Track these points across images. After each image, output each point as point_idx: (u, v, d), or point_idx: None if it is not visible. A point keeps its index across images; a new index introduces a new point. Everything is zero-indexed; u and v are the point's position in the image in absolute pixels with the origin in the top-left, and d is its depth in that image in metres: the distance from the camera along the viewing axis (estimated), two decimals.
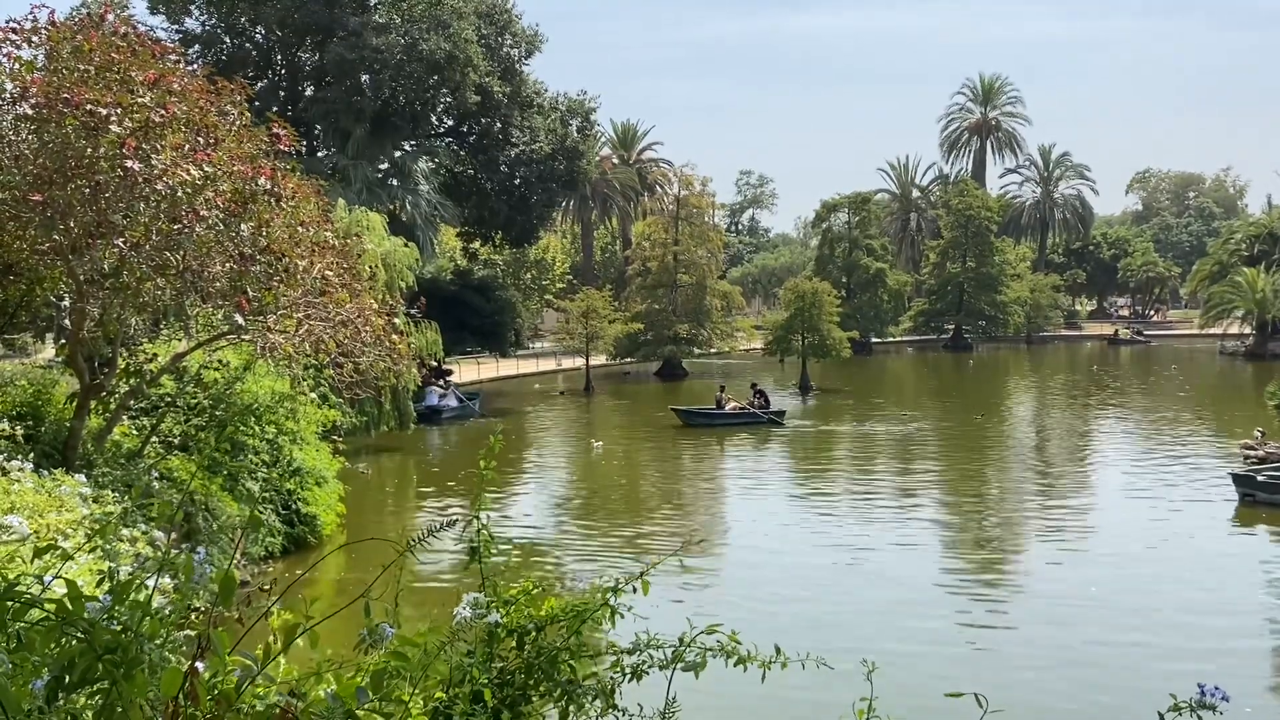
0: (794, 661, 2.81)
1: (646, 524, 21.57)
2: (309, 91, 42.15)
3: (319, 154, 39.74)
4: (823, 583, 16.70)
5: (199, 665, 1.79)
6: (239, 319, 12.33)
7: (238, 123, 13.01)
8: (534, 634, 2.75)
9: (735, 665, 2.81)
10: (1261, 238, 70.13)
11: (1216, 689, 2.46)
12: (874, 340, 71.59)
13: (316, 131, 40.88)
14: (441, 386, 39.45)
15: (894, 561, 18.13)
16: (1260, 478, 22.01)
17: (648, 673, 2.84)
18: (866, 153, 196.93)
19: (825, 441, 33.44)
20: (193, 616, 2.07)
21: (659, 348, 52.79)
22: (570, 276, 79.75)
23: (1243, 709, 11.05)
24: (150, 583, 2.08)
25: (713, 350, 56.70)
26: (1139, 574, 17.06)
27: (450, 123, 44.40)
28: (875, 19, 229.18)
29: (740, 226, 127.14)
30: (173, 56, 13.47)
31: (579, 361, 50.35)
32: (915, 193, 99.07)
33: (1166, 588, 16.29)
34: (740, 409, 35.20)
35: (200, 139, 11.91)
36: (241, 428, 17.33)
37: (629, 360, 54.22)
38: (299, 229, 12.98)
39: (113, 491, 12.50)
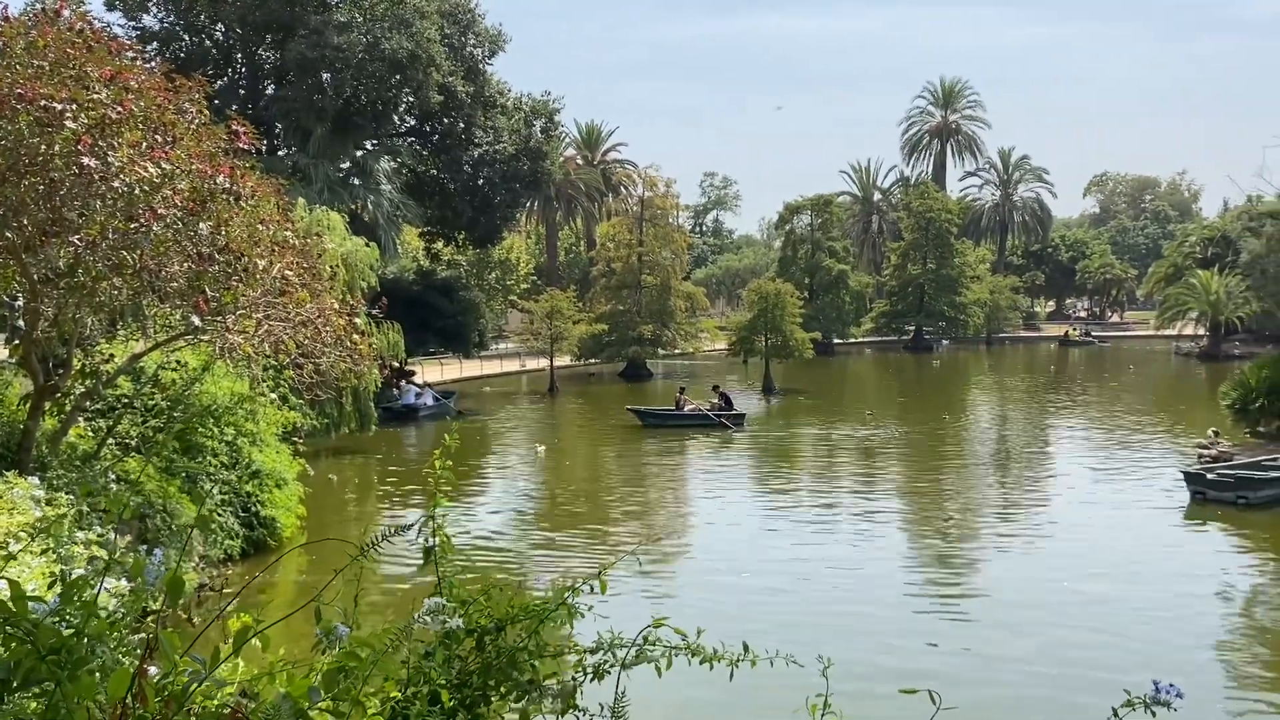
0: (763, 659, 2.82)
1: (608, 524, 21.57)
2: (269, 90, 41.71)
3: (280, 153, 39.35)
4: (784, 583, 16.78)
5: (148, 667, 1.77)
6: (197, 319, 12.18)
7: (196, 120, 12.84)
8: (494, 634, 2.75)
9: (702, 663, 2.83)
10: (1215, 241, 71.34)
11: (1171, 686, 2.50)
12: (836, 341, 72.05)
13: (277, 130, 40.45)
14: (419, 386, 39.97)
15: (855, 560, 18.27)
16: (1210, 476, 22.43)
17: (609, 672, 2.85)
18: (829, 155, 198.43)
19: (788, 442, 33.60)
20: (148, 619, 2.05)
21: (623, 349, 52.79)
22: (535, 277, 79.51)
23: (1203, 704, 11.25)
24: (105, 584, 2.05)
25: (677, 351, 56.79)
26: (1094, 571, 17.31)
27: (413, 122, 44.11)
28: (838, 23, 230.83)
29: (704, 228, 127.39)
30: (130, 53, 13.28)
31: (543, 363, 50.25)
32: (877, 195, 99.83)
33: (1121, 585, 16.53)
34: (696, 410, 35.20)
35: (158, 137, 11.75)
36: (200, 429, 17.14)
37: (593, 361, 54.18)
38: (259, 228, 12.84)
39: (67, 494, 12.30)
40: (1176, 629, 14.36)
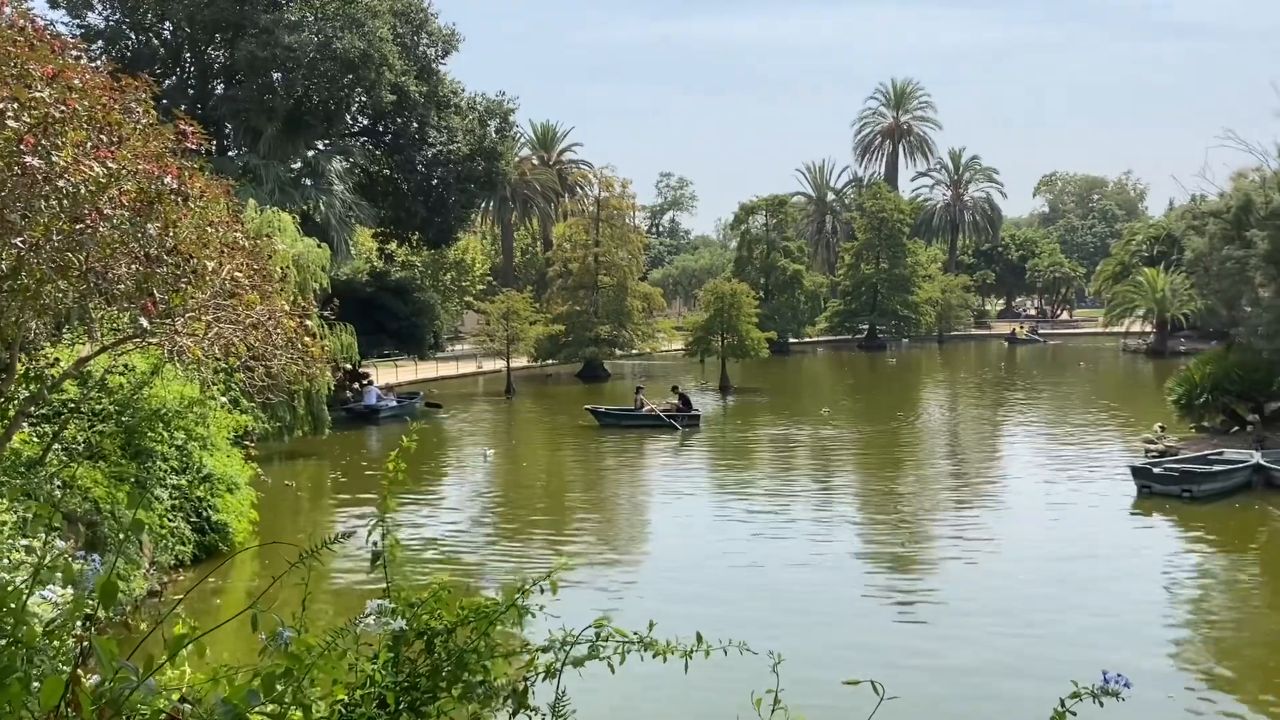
0: (716, 649, 2.85)
1: (564, 525, 21.55)
2: (219, 89, 41.13)
3: (230, 153, 38.82)
4: (739, 581, 16.86)
5: (83, 674, 1.75)
6: (145, 322, 11.98)
7: (143, 120, 12.64)
8: (444, 637, 2.75)
9: (654, 657, 2.85)
10: (1161, 239, 72.69)
11: (1119, 676, 2.55)
12: (791, 340, 72.49)
13: (227, 130, 39.92)
14: (381, 389, 40.32)
15: (810, 558, 18.39)
16: (1156, 470, 22.89)
17: (561, 671, 2.86)
18: (784, 156, 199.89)
19: (745, 441, 33.77)
20: (91, 626, 2.02)
21: (580, 349, 52.73)
22: (490, 278, 79.16)
23: (1150, 693, 11.47)
24: (51, 592, 2.02)
25: (634, 351, 56.83)
26: (1044, 564, 17.59)
27: (365, 122, 43.71)
28: (790, 24, 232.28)
29: (661, 228, 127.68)
30: (74, 52, 13.03)
31: (500, 364, 50.08)
32: (830, 195, 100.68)
33: (1070, 576, 16.82)
34: (651, 411, 35.17)
35: (103, 136, 11.54)
36: (149, 434, 16.87)
37: (550, 362, 54.06)
38: (208, 229, 12.65)
39: (11, 501, 12.05)
40: (1124, 619, 14.62)
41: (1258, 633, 14.61)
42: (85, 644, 1.85)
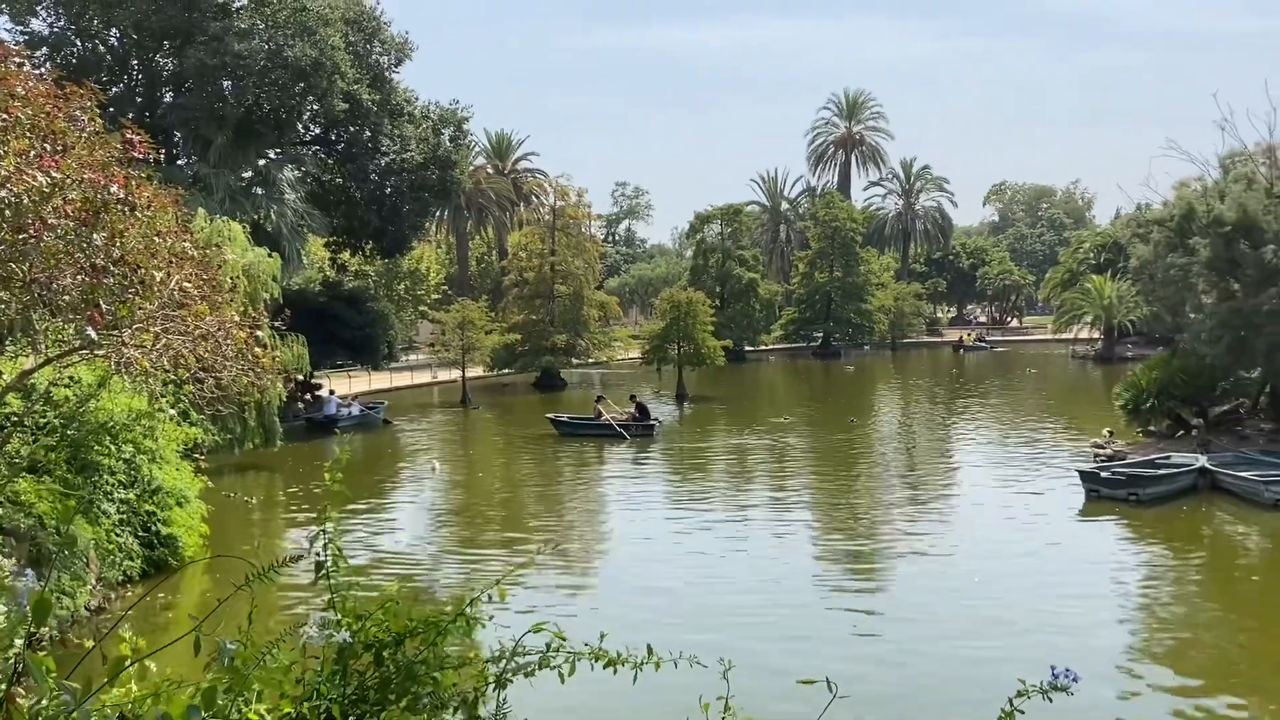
0: (666, 661, 2.86)
1: (517, 537, 21.45)
2: (168, 97, 40.53)
3: (179, 162, 38.28)
4: (694, 589, 16.90)
5: (23, 691, 1.72)
6: (92, 333, 11.78)
7: (89, 129, 12.45)
8: (392, 649, 2.74)
9: (605, 667, 2.85)
10: (1108, 247, 74.02)
11: (1068, 671, 2.59)
12: (747, 349, 72.85)
13: (176, 138, 39.33)
14: (341, 399, 40.18)
15: (767, 564, 18.48)
16: (1104, 474, 23.31)
17: (511, 681, 2.86)
18: (739, 165, 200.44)
19: (702, 448, 33.85)
20: (28, 644, 1.98)
21: (537, 358, 52.58)
22: (445, 287, 78.74)
23: (1097, 690, 11.66)
24: None
25: (591, 360, 56.79)
26: (996, 566, 17.86)
27: (317, 130, 43.31)
28: (744, 34, 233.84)
29: (617, 237, 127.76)
30: (17, 59, 12.81)
31: (455, 374, 49.80)
32: (785, 205, 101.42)
33: (1021, 578, 17.08)
34: (608, 421, 35.11)
35: (47, 145, 11.36)
36: (96, 447, 16.58)
37: (507, 371, 53.85)
38: (156, 239, 12.48)
39: None
40: (1074, 620, 14.86)
41: (1205, 632, 14.92)
42: (21, 663, 1.82)
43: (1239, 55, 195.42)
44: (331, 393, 41.42)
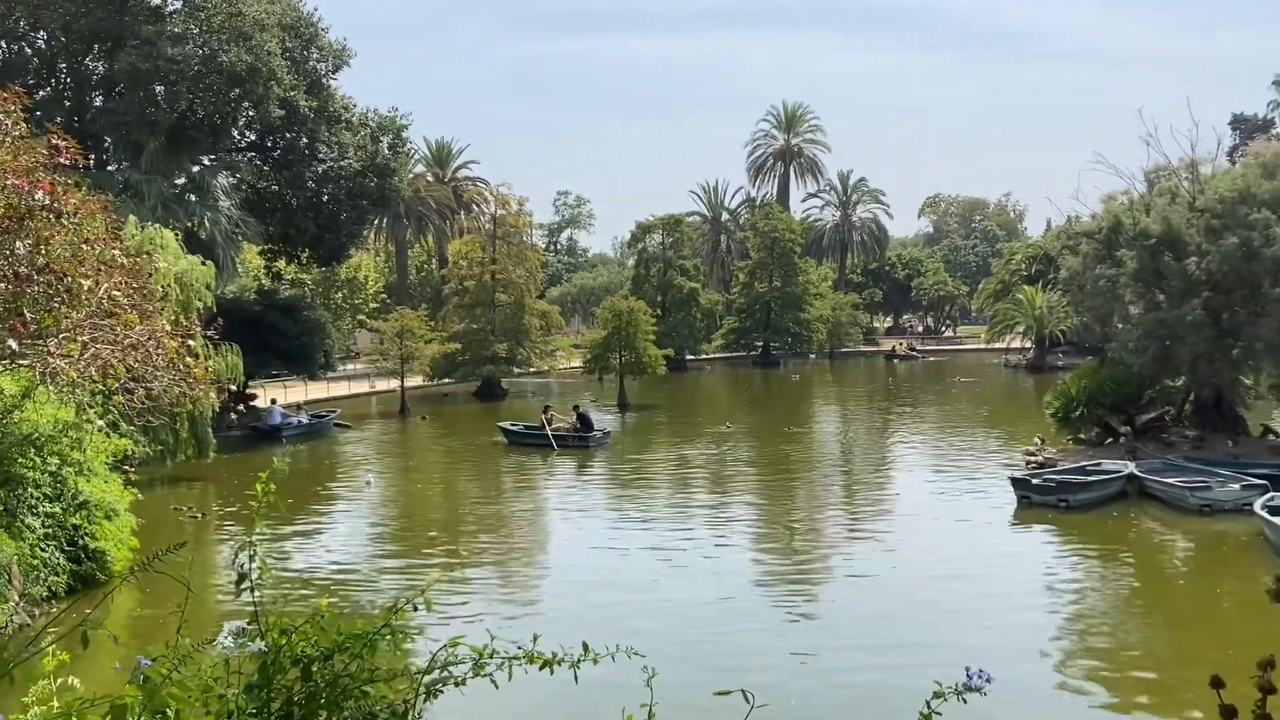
0: (604, 657, 2.89)
1: (459, 544, 21.29)
2: (98, 102, 39.64)
3: (110, 168, 37.44)
4: (633, 600, 16.92)
5: None
6: (14, 343, 11.50)
7: (13, 133, 12.18)
8: (321, 663, 2.72)
9: (541, 669, 2.88)
10: (1039, 258, 75.59)
11: (981, 671, 2.66)
12: (688, 358, 73.17)
13: (107, 144, 38.51)
14: (290, 408, 40.05)
15: (701, 575, 18.55)
16: (1035, 481, 23.82)
17: (443, 691, 2.86)
18: (680, 175, 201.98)
19: (644, 457, 33.90)
20: None
21: (477, 368, 52.27)
22: (384, 296, 78.00)
23: (1025, 691, 11.89)
24: None
25: (532, 369, 56.58)
26: (929, 572, 18.12)
27: (253, 137, 42.69)
28: (685, 45, 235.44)
29: (559, 246, 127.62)
30: None
31: (394, 383, 49.30)
32: (725, 215, 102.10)
33: (951, 585, 17.35)
34: (555, 431, 35.07)
35: None
36: (20, 459, 16.15)
37: (447, 381, 53.46)
38: (83, 247, 12.24)
39: None
40: (1004, 623, 15.15)
41: (1132, 634, 15.31)
42: None
43: (1163, 74, 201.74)
44: (273, 401, 40.83)
